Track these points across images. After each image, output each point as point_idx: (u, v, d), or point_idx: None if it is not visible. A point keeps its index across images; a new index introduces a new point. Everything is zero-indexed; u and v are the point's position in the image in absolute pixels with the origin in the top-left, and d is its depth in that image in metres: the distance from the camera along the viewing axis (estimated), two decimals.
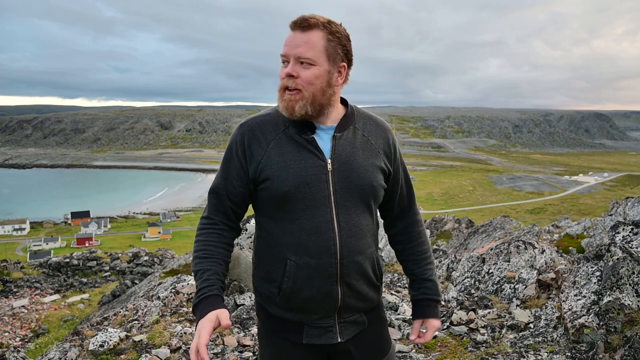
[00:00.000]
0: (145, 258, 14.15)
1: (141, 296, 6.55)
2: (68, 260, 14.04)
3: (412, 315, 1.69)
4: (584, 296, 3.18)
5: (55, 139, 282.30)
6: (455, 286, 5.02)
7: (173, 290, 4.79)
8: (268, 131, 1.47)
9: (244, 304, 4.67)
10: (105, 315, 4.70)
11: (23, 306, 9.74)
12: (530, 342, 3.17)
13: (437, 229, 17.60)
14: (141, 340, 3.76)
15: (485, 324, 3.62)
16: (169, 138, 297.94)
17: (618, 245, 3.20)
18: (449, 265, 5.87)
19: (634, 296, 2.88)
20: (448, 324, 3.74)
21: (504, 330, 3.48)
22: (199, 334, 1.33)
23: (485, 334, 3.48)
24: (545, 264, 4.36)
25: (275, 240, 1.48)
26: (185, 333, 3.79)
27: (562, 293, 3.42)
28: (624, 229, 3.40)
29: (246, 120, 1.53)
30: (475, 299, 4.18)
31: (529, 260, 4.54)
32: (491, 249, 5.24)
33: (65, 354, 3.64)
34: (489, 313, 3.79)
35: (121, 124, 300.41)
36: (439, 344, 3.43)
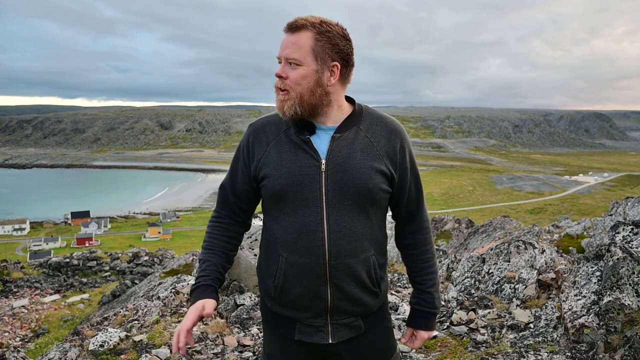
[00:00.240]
0: (145, 258, 14.15)
1: (141, 296, 6.55)
2: (68, 260, 14.04)
3: (407, 321, 1.69)
4: (584, 296, 3.18)
5: (55, 139, 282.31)
6: (455, 286, 5.02)
7: (173, 290, 4.79)
8: (271, 131, 1.52)
9: (244, 304, 4.67)
10: (105, 315, 4.70)
11: (23, 306, 9.74)
12: (530, 342, 3.17)
13: (437, 229, 17.61)
14: (141, 340, 3.76)
15: (485, 324, 3.62)
16: (169, 138, 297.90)
17: (618, 245, 3.20)
18: (449, 265, 5.88)
19: (634, 296, 2.88)
20: (448, 324, 3.74)
21: (504, 330, 3.48)
22: (185, 319, 1.45)
23: (485, 334, 3.48)
24: (545, 264, 4.36)
25: (272, 237, 1.53)
26: None
27: (562, 293, 3.42)
28: (624, 229, 3.40)
29: (254, 120, 1.60)
30: (475, 299, 4.18)
31: (529, 260, 4.54)
32: (491, 249, 5.24)
33: (65, 354, 3.64)
34: (489, 313, 3.79)
35: (121, 124, 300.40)
36: (439, 344, 3.43)
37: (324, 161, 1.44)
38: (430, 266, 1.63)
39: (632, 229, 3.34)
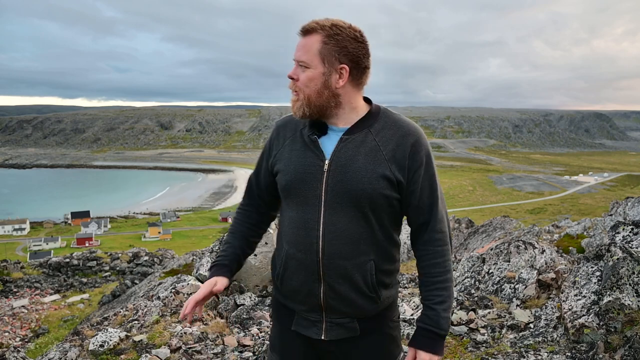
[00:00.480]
0: (145, 258, 14.14)
1: (141, 296, 6.55)
2: (68, 260, 14.03)
3: (409, 341, 1.57)
4: (584, 296, 3.18)
5: (55, 139, 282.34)
6: (455, 286, 5.02)
7: (173, 290, 4.79)
8: (289, 130, 1.60)
9: (244, 304, 4.67)
10: (105, 315, 4.70)
11: (23, 306, 9.73)
12: (530, 342, 3.17)
13: None
14: (141, 340, 3.76)
15: (485, 324, 3.62)
16: (169, 138, 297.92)
17: (618, 245, 3.20)
18: None
19: (634, 296, 2.88)
20: None
21: (504, 330, 3.48)
22: (198, 290, 1.60)
23: (485, 334, 3.48)
24: (545, 264, 4.36)
25: (281, 229, 1.62)
26: (185, 333, 3.78)
27: (562, 293, 3.42)
28: (624, 229, 3.40)
29: (280, 119, 1.69)
30: (475, 299, 4.18)
31: (529, 260, 4.54)
32: (491, 249, 5.24)
33: (65, 354, 3.64)
34: (489, 313, 3.79)
35: (121, 124, 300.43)
36: None
37: (327, 162, 1.47)
38: (439, 282, 1.50)
39: (632, 229, 3.34)
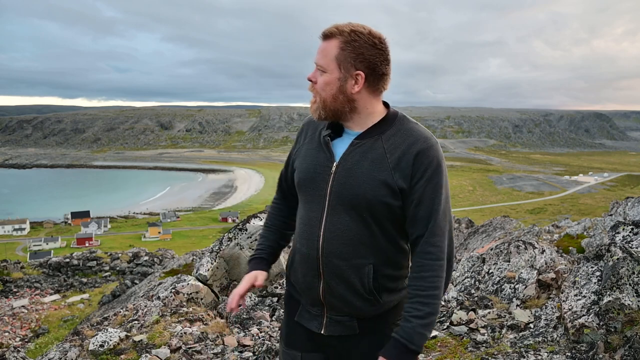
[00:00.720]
0: (145, 258, 14.14)
1: (141, 296, 6.54)
2: (68, 260, 14.03)
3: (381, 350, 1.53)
4: (584, 296, 3.18)
5: (55, 139, 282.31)
6: (455, 286, 5.02)
7: (173, 290, 4.79)
8: (311, 129, 1.66)
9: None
10: (105, 315, 4.70)
11: (23, 306, 9.73)
12: (530, 342, 3.17)
13: None
14: (141, 340, 3.76)
15: (485, 324, 3.62)
16: (169, 138, 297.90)
17: (618, 245, 3.20)
18: None
19: (634, 296, 2.88)
20: (448, 324, 3.74)
21: (504, 330, 3.48)
22: (239, 285, 1.70)
23: (485, 334, 3.48)
24: (545, 264, 4.36)
25: (296, 224, 1.69)
26: (185, 333, 3.78)
27: (562, 293, 3.42)
28: (624, 229, 3.40)
29: (307, 117, 1.72)
30: (475, 299, 4.18)
31: (529, 260, 4.54)
32: (491, 249, 5.24)
33: (65, 354, 3.64)
34: (489, 313, 3.79)
35: (121, 124, 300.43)
36: (439, 344, 3.43)
37: (335, 164, 1.51)
38: (422, 296, 1.44)
39: (632, 229, 3.34)
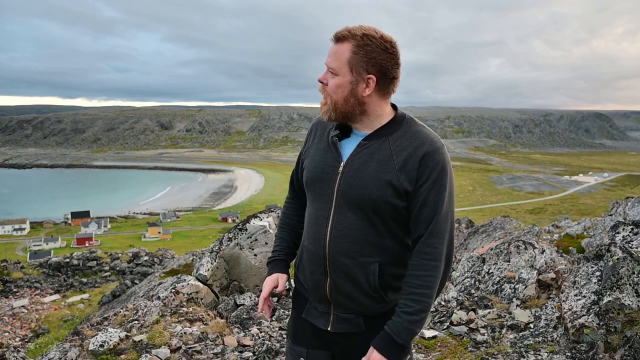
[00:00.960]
0: (145, 258, 14.14)
1: (141, 296, 6.55)
2: (68, 260, 14.03)
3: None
4: (584, 296, 3.18)
5: (55, 139, 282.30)
6: (455, 286, 5.02)
7: (173, 290, 4.79)
8: (320, 129, 1.69)
9: (244, 304, 4.67)
10: (105, 315, 4.70)
11: (23, 306, 9.74)
12: (530, 342, 3.17)
13: None
14: (141, 340, 3.76)
15: (485, 324, 3.62)
16: (169, 138, 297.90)
17: (618, 245, 3.20)
18: None
19: (634, 296, 2.88)
20: (448, 324, 3.74)
21: (504, 330, 3.48)
22: (263, 289, 1.72)
23: (485, 334, 3.48)
24: (545, 264, 4.36)
25: (304, 221, 1.71)
26: (185, 333, 3.78)
27: (562, 293, 3.42)
28: (624, 229, 3.40)
29: (317, 117, 1.75)
30: (475, 299, 4.18)
31: (529, 260, 4.54)
32: (491, 249, 5.24)
33: (65, 354, 3.64)
34: (489, 313, 3.79)
35: (121, 124, 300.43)
36: (439, 344, 3.43)
37: (343, 164, 1.54)
38: (414, 293, 1.48)
39: (632, 229, 3.34)
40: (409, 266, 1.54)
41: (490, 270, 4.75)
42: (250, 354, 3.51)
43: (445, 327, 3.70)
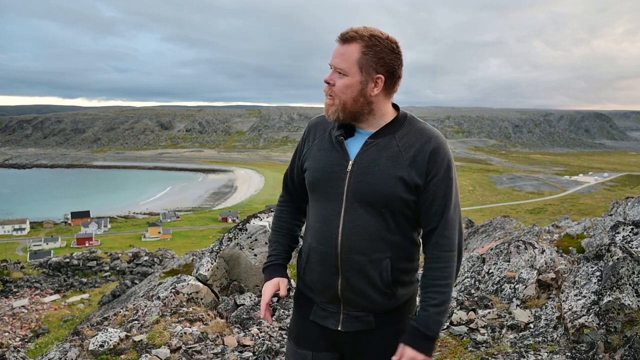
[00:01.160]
0: (145, 258, 14.13)
1: (141, 296, 6.55)
2: (68, 260, 14.02)
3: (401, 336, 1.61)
4: (584, 296, 3.18)
5: (55, 139, 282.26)
6: (455, 286, 5.02)
7: (173, 290, 4.79)
8: (320, 129, 1.69)
9: (244, 304, 4.67)
10: (105, 315, 4.70)
11: (23, 306, 9.73)
12: (530, 342, 3.17)
13: None
14: (141, 340, 3.76)
15: (485, 324, 3.62)
16: (169, 138, 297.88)
17: (618, 245, 3.20)
18: None
19: (634, 296, 2.88)
20: (448, 324, 3.75)
21: (504, 330, 3.48)
22: (263, 294, 1.70)
23: (485, 334, 3.48)
24: (545, 264, 4.36)
25: (308, 223, 1.71)
26: (185, 333, 3.78)
27: (562, 293, 3.42)
28: (624, 229, 3.40)
29: (313, 118, 1.77)
30: (475, 299, 4.18)
31: (529, 260, 4.54)
32: (491, 249, 5.25)
33: (65, 354, 3.64)
34: (489, 313, 3.79)
35: (121, 124, 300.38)
36: (439, 344, 3.43)
37: (351, 163, 1.56)
38: (438, 285, 1.54)
39: (632, 229, 3.34)
40: (426, 259, 1.60)
41: (490, 270, 4.75)
42: (250, 354, 3.51)
43: (445, 327, 3.70)
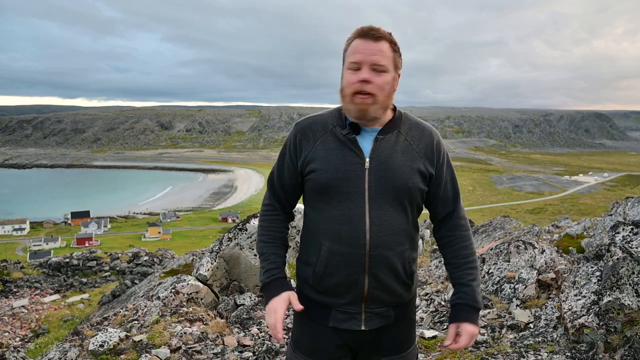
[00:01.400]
0: (145, 258, 14.13)
1: (141, 296, 6.54)
2: (68, 260, 14.02)
3: (449, 319, 1.70)
4: (584, 296, 3.18)
5: (55, 139, 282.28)
6: None
7: (173, 290, 4.79)
8: (317, 130, 1.64)
9: (244, 304, 4.67)
10: (105, 315, 4.70)
11: (23, 306, 9.73)
12: (530, 342, 3.17)
13: None
14: (141, 340, 3.76)
15: (485, 324, 3.62)
16: (169, 138, 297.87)
17: (618, 245, 3.20)
18: None
19: (634, 296, 2.88)
20: (448, 323, 3.74)
21: (504, 330, 3.48)
22: (274, 311, 1.59)
23: (485, 334, 3.48)
24: (545, 264, 4.36)
25: (315, 228, 1.63)
26: (185, 333, 3.78)
27: (562, 293, 3.42)
28: (624, 229, 3.40)
29: (301, 119, 1.72)
30: None
31: (529, 260, 4.54)
32: (491, 249, 5.25)
33: (65, 354, 3.64)
34: (489, 313, 3.79)
35: (121, 124, 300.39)
36: (439, 344, 3.43)
37: (367, 159, 1.56)
38: (471, 262, 1.67)
39: (632, 229, 3.34)
40: (449, 241, 1.69)
41: (490, 270, 4.75)
42: (250, 354, 3.51)
43: (445, 327, 3.70)
